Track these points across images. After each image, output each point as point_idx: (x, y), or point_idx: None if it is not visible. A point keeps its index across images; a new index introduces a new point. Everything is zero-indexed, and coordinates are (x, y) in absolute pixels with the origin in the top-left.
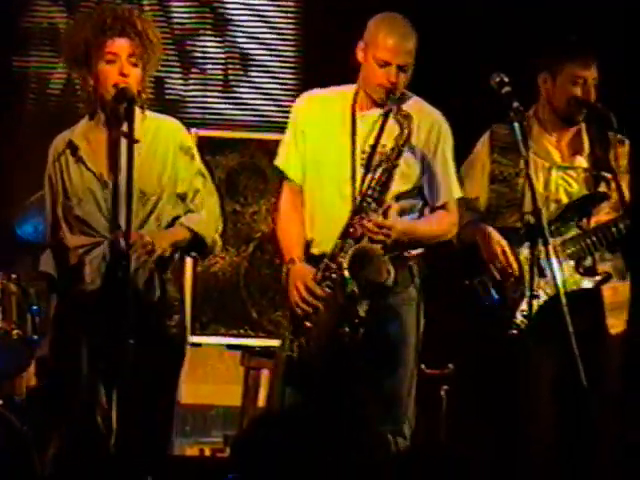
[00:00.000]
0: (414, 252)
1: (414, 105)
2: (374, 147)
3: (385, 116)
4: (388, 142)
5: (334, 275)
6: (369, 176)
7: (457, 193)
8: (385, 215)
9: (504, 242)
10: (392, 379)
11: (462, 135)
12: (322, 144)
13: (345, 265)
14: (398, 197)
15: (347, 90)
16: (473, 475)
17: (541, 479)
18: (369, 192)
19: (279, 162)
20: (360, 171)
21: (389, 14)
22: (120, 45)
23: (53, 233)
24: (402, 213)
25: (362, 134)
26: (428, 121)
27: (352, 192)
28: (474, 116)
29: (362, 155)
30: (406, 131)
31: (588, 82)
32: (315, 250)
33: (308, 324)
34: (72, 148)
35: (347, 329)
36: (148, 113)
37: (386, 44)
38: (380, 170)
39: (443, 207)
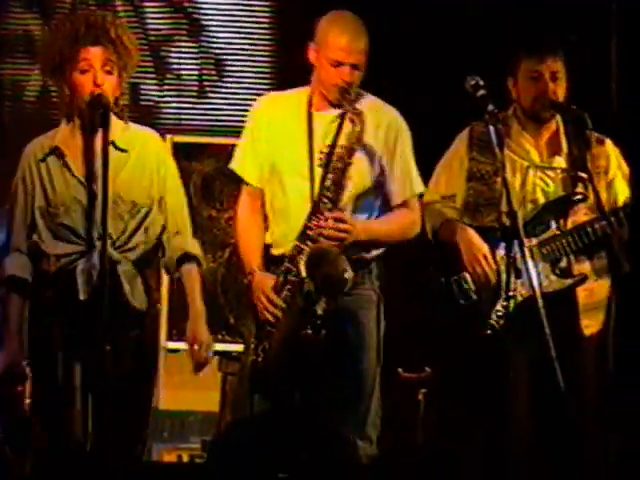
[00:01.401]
0: (374, 253)
1: (370, 104)
2: (332, 147)
3: (342, 117)
4: (345, 142)
5: (294, 279)
6: (329, 177)
7: (418, 189)
8: (342, 220)
9: (485, 248)
10: (352, 382)
11: (437, 131)
12: (280, 146)
13: (302, 266)
14: (358, 196)
15: (303, 91)
16: (452, 478)
17: None
18: (325, 192)
19: (234, 165)
20: (318, 171)
21: (339, 13)
22: (94, 54)
23: (27, 238)
24: (361, 212)
25: (319, 134)
26: (385, 119)
27: (310, 192)
28: (451, 113)
29: (320, 155)
30: (358, 128)
31: (545, 76)
32: (275, 251)
33: (270, 328)
34: (57, 155)
35: (308, 330)
36: (131, 124)
37: (338, 44)
38: (334, 169)
39: (404, 205)
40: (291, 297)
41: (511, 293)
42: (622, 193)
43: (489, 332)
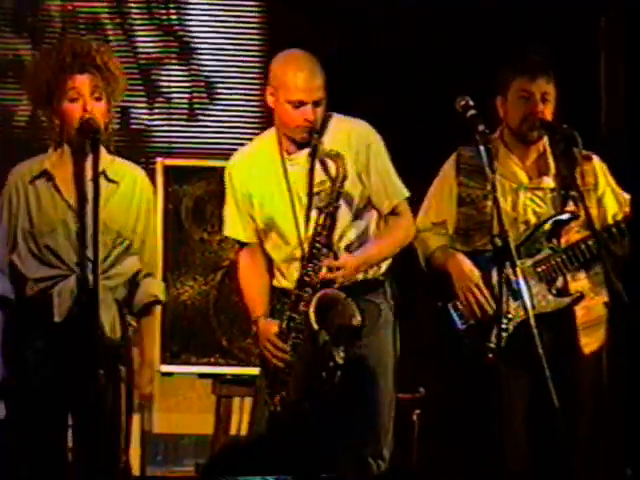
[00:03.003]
0: (384, 267)
1: (336, 125)
2: (310, 188)
3: (312, 155)
4: (324, 179)
5: (300, 326)
6: (313, 219)
7: (403, 194)
8: (335, 256)
9: (476, 275)
10: (373, 404)
11: (428, 156)
12: (264, 199)
13: (311, 316)
14: (355, 217)
15: (269, 135)
16: None
17: None
18: (316, 238)
19: (228, 232)
20: (302, 216)
21: (290, 52)
22: (81, 82)
23: (5, 258)
24: (360, 220)
25: (295, 178)
26: (353, 137)
27: (297, 237)
28: (440, 137)
29: (301, 200)
30: (341, 172)
31: (535, 96)
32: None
33: (283, 376)
34: (48, 177)
35: (324, 376)
36: (116, 158)
37: (296, 84)
38: (323, 214)
39: (393, 212)
40: (299, 345)
41: (509, 315)
42: (611, 208)
43: (491, 356)
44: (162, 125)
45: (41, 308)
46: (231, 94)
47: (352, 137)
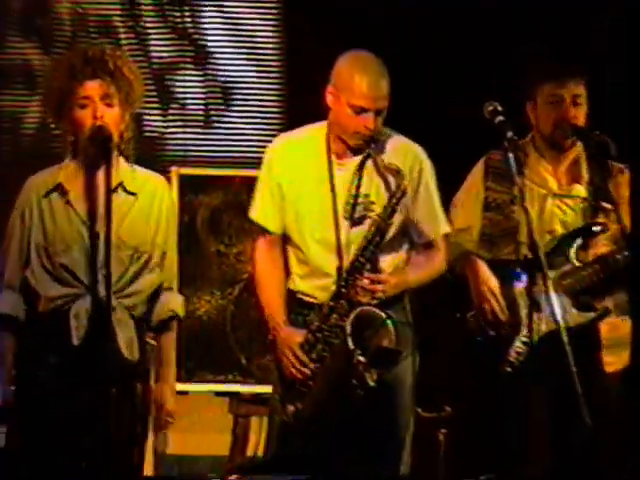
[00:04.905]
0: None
1: (393, 144)
2: (356, 198)
3: (362, 165)
4: (370, 192)
5: (329, 338)
6: (354, 229)
7: (444, 229)
8: (377, 269)
9: (493, 283)
10: (388, 421)
11: (457, 163)
12: (300, 195)
13: (348, 332)
14: (385, 245)
15: (318, 131)
16: None
17: None
18: (362, 252)
19: (255, 215)
20: (344, 224)
21: (359, 54)
22: (91, 88)
23: (20, 275)
24: (387, 253)
25: (342, 185)
26: (409, 159)
27: (337, 245)
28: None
29: (345, 207)
30: (400, 189)
31: (566, 101)
32: (303, 297)
33: (301, 388)
34: (61, 191)
35: (349, 396)
36: (136, 167)
37: (361, 90)
38: (373, 229)
39: (430, 245)
40: (325, 359)
41: (533, 329)
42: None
43: (508, 369)
44: (177, 132)
45: (55, 327)
46: (249, 99)
47: (408, 157)
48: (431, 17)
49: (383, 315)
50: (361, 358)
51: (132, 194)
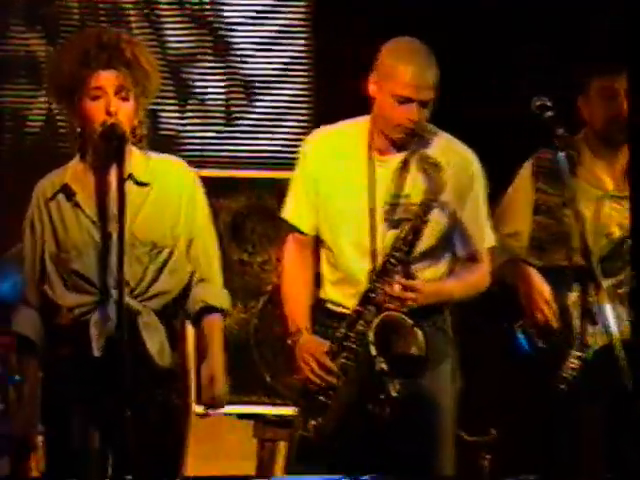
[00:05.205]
0: None
1: (441, 144)
2: (396, 198)
3: (405, 162)
4: (412, 192)
5: (354, 346)
6: (391, 233)
7: (490, 241)
8: (411, 277)
9: (547, 290)
10: (428, 447)
11: (501, 165)
12: (336, 193)
13: (371, 339)
14: (424, 253)
15: (360, 125)
16: None
17: None
18: (394, 253)
19: (289, 215)
20: (381, 226)
21: (405, 40)
22: (106, 79)
23: (36, 289)
24: (425, 261)
25: (382, 183)
26: (457, 162)
27: (372, 249)
28: (514, 142)
29: (384, 208)
30: (437, 184)
31: (621, 94)
32: (333, 307)
33: (324, 400)
34: (67, 193)
35: (375, 408)
36: (152, 153)
37: (406, 78)
38: (407, 227)
39: (473, 257)
40: (350, 368)
41: (585, 342)
42: None
43: (563, 387)
44: (195, 130)
45: (78, 341)
46: (274, 94)
47: (457, 160)
48: (431, 16)
49: (411, 321)
50: (383, 366)
51: (144, 185)
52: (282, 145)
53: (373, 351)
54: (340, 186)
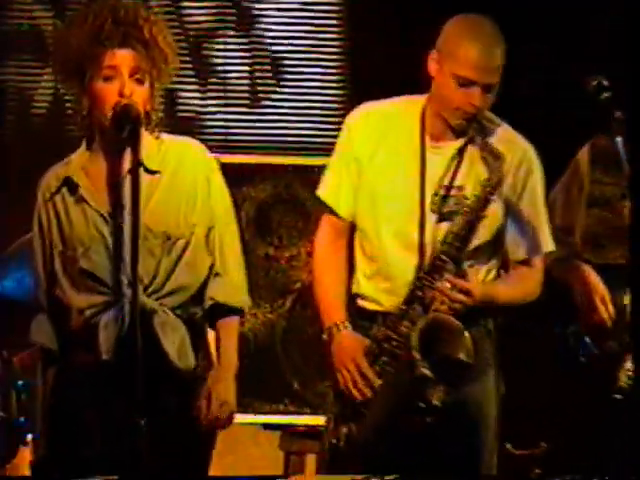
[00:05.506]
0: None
1: (501, 134)
2: (448, 189)
3: (462, 150)
4: (466, 183)
5: (396, 350)
6: (444, 226)
7: (548, 246)
8: (462, 277)
9: (604, 290)
10: (467, 459)
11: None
12: (381, 177)
13: (414, 342)
14: (476, 251)
15: (413, 105)
16: None
17: None
18: (446, 248)
19: (325, 193)
20: (431, 218)
21: (472, 17)
22: (121, 58)
23: (47, 292)
24: (472, 262)
25: (434, 171)
26: (517, 156)
27: (420, 243)
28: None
29: (434, 198)
30: (496, 176)
31: None
32: (366, 304)
33: (360, 408)
34: (70, 186)
35: (415, 417)
36: (165, 137)
37: (469, 58)
38: (460, 221)
39: (527, 262)
40: (389, 372)
41: None
42: None
43: (619, 397)
44: (217, 112)
45: (89, 344)
46: (304, 73)
47: (516, 153)
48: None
49: (461, 325)
50: (426, 371)
51: (155, 172)
52: (313, 128)
53: (416, 355)
54: (386, 170)
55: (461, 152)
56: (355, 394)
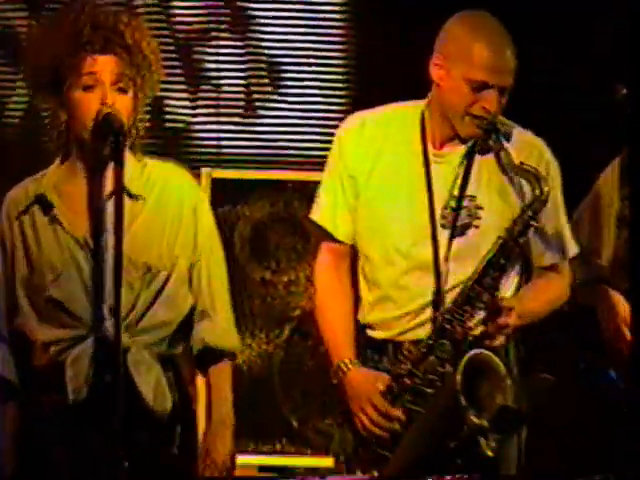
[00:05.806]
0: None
1: (517, 138)
2: (459, 201)
3: (468, 156)
4: (478, 192)
5: (422, 388)
6: (458, 243)
7: (572, 250)
8: (499, 310)
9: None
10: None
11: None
12: (382, 195)
13: (458, 385)
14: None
15: (410, 112)
16: None
17: None
18: (482, 279)
19: (319, 217)
20: (443, 234)
21: (475, 14)
22: (103, 64)
23: (8, 322)
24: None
25: (441, 182)
26: (533, 159)
27: (435, 262)
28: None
29: (444, 212)
30: (540, 199)
31: None
32: (374, 333)
33: (382, 452)
34: (43, 204)
35: (459, 461)
36: (148, 159)
37: (482, 60)
38: (497, 248)
39: (553, 268)
40: (416, 413)
41: None
42: None
43: None
44: (209, 122)
45: (55, 384)
46: (304, 80)
47: (533, 156)
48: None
49: (502, 367)
50: (477, 420)
51: (138, 198)
52: (314, 140)
53: (463, 400)
54: (386, 186)
55: (468, 159)
56: (379, 434)
